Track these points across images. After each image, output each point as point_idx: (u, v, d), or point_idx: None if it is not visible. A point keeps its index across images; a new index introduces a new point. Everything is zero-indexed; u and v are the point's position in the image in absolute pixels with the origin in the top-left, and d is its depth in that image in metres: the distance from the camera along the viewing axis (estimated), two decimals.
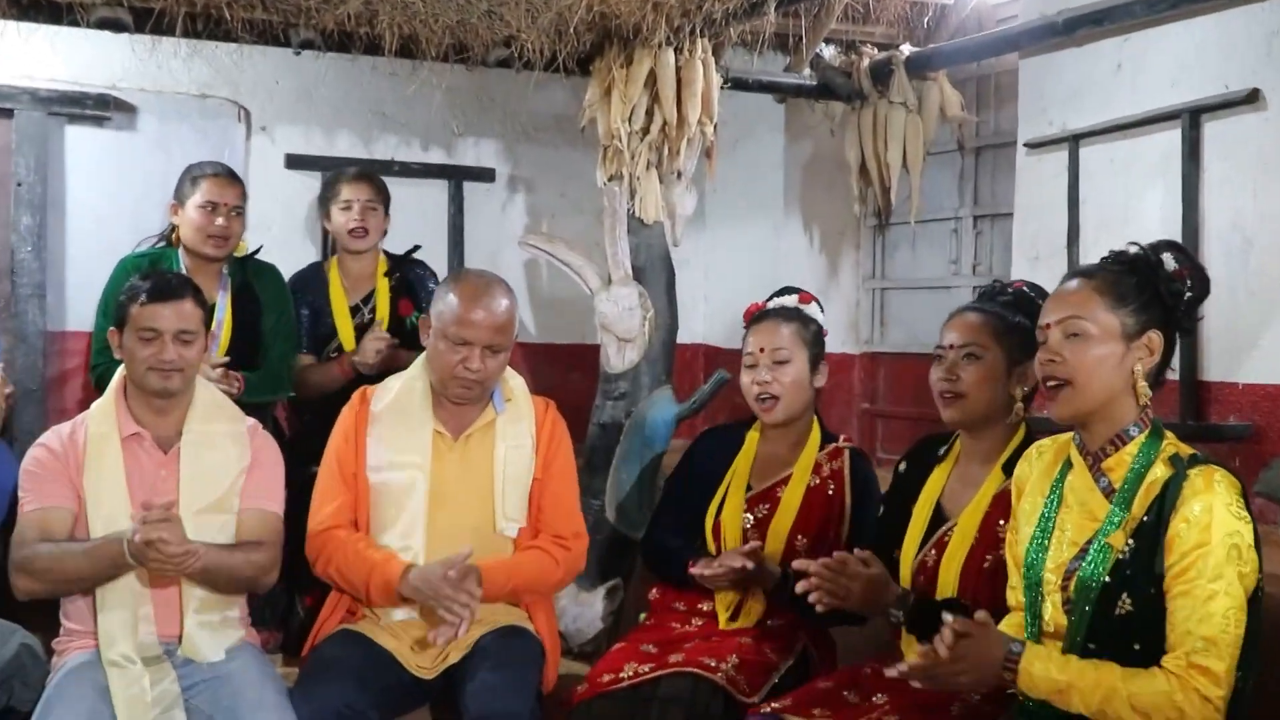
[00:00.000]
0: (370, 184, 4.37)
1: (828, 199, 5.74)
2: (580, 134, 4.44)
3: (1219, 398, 3.91)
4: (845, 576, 2.67)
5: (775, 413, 3.23)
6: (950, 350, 2.77)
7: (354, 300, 4.33)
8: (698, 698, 2.85)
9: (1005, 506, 2.64)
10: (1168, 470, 2.24)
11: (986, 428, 2.77)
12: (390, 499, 3.16)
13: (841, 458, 3.26)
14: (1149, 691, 2.12)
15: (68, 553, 2.91)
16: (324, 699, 2.89)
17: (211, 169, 4.02)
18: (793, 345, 3.23)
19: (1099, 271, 2.35)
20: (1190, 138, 3.94)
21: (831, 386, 5.78)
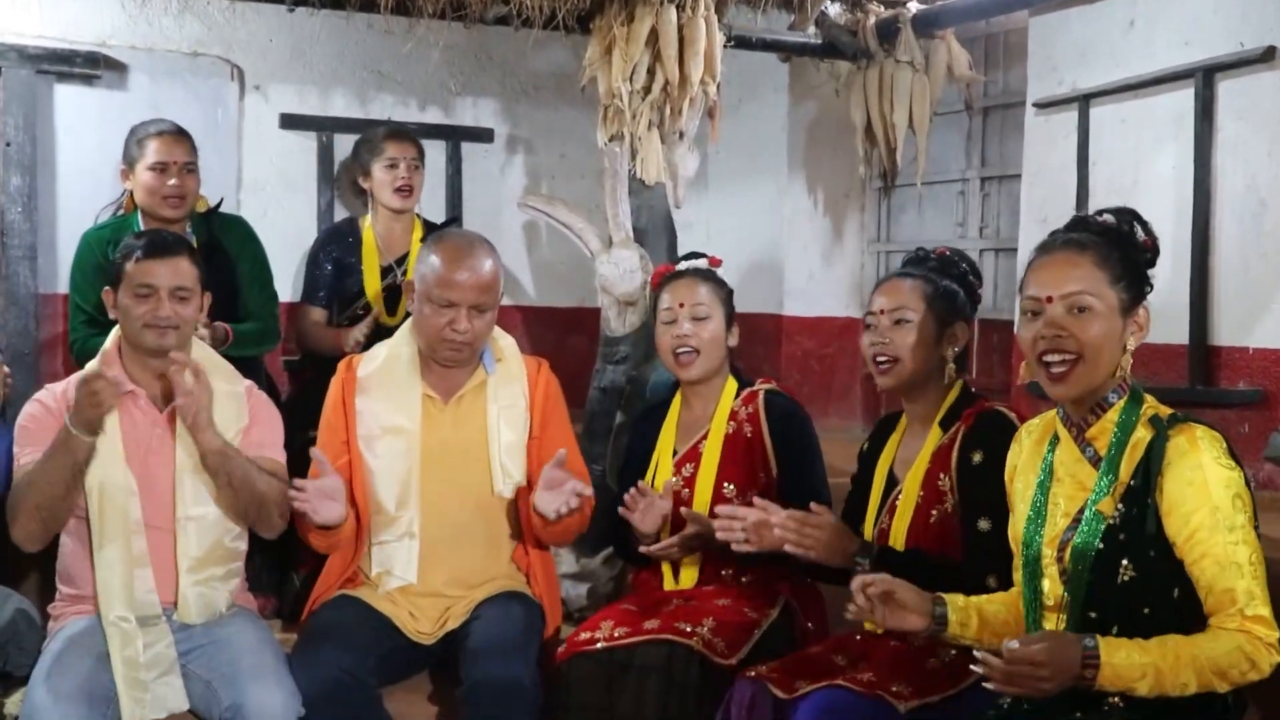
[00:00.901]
0: (414, 143, 4.41)
1: (832, 160, 5.70)
2: (580, 93, 4.39)
3: (1229, 363, 3.88)
4: (810, 525, 2.74)
5: (694, 368, 3.24)
6: (881, 315, 2.85)
7: (386, 261, 4.32)
8: (674, 664, 2.87)
9: (944, 461, 2.78)
10: (1149, 432, 2.25)
11: (923, 391, 2.87)
12: (383, 465, 3.14)
13: (756, 400, 3.27)
14: (1223, 651, 2.15)
15: (33, 469, 2.91)
16: (322, 664, 2.88)
17: (156, 128, 3.95)
18: (710, 302, 3.25)
19: (1089, 244, 2.31)
20: (1204, 97, 3.89)
21: (834, 351, 5.79)
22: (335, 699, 2.84)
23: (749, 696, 2.69)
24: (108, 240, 3.87)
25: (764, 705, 2.67)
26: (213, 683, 2.85)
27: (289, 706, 2.80)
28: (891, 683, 2.57)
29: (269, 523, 3.09)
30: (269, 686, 2.79)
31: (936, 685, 2.59)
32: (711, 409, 3.29)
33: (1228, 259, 3.90)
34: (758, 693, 2.68)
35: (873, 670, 2.63)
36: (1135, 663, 2.15)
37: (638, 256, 4.13)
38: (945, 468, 2.77)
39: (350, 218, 4.63)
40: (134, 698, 2.81)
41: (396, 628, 3.08)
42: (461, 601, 3.15)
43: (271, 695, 2.79)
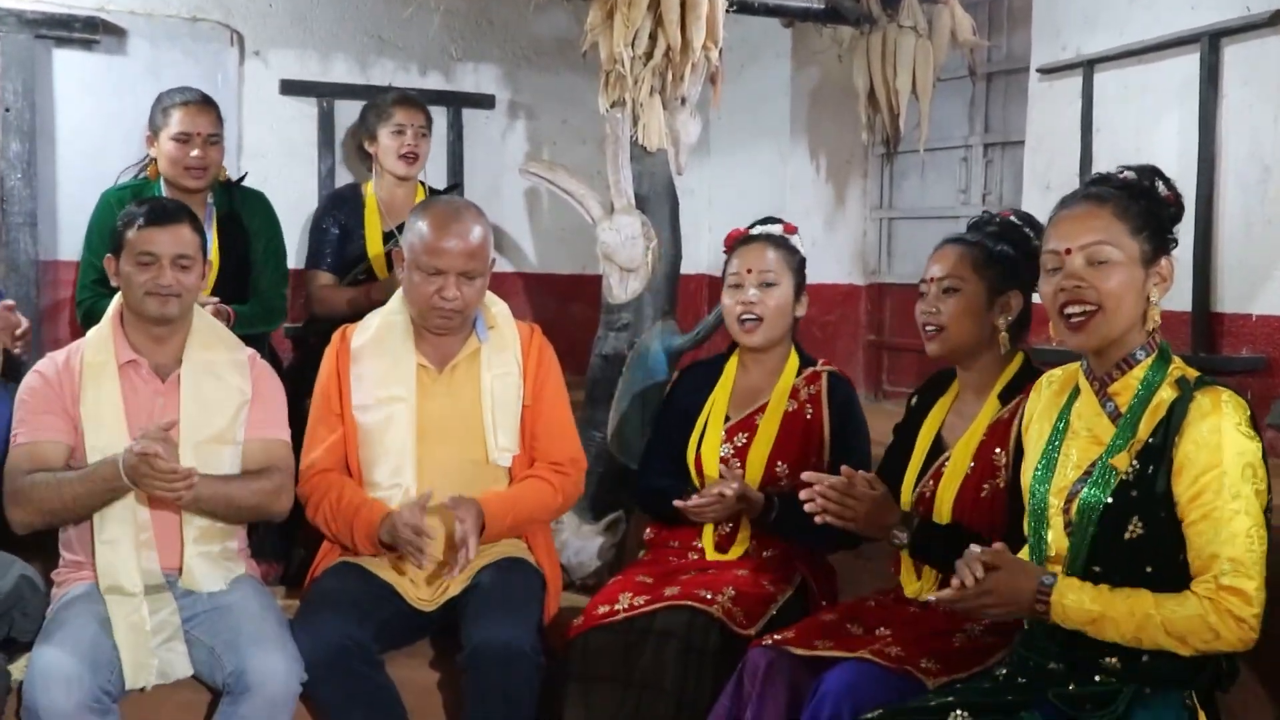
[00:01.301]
0: (422, 110, 4.44)
1: (835, 126, 5.66)
2: (582, 59, 4.35)
3: (1232, 329, 3.87)
4: (852, 496, 2.71)
5: (756, 335, 3.22)
6: (931, 284, 2.81)
7: (389, 227, 4.32)
8: (694, 630, 2.87)
9: (1001, 435, 2.72)
10: (1174, 392, 2.24)
11: (975, 359, 2.82)
12: (377, 435, 3.15)
13: (819, 382, 3.25)
14: (1183, 616, 2.14)
15: (64, 480, 2.90)
16: (324, 631, 2.90)
17: (182, 97, 3.93)
18: (779, 269, 3.24)
19: (1109, 196, 2.31)
20: (1209, 62, 3.87)
21: (837, 318, 5.78)
22: (337, 665, 2.86)
23: (764, 665, 2.68)
24: (127, 202, 3.85)
25: (781, 672, 2.65)
26: (216, 649, 2.87)
27: (291, 672, 2.81)
28: (920, 658, 2.56)
29: (267, 519, 3.15)
30: (272, 652, 2.81)
31: (964, 662, 2.57)
32: (770, 380, 3.26)
33: (1231, 226, 3.88)
34: (774, 661, 2.67)
35: (899, 643, 2.61)
36: (1084, 608, 2.18)
37: (639, 223, 4.11)
38: (1003, 442, 2.71)
39: (353, 183, 4.63)
40: (138, 664, 2.83)
41: (398, 594, 3.10)
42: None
43: (274, 661, 2.80)
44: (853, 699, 2.47)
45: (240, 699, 2.78)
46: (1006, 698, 2.31)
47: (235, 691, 2.79)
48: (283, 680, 2.80)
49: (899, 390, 5.45)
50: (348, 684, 2.87)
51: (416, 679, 3.09)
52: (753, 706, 2.65)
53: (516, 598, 3.03)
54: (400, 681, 2.98)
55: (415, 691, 3.04)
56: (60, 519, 2.96)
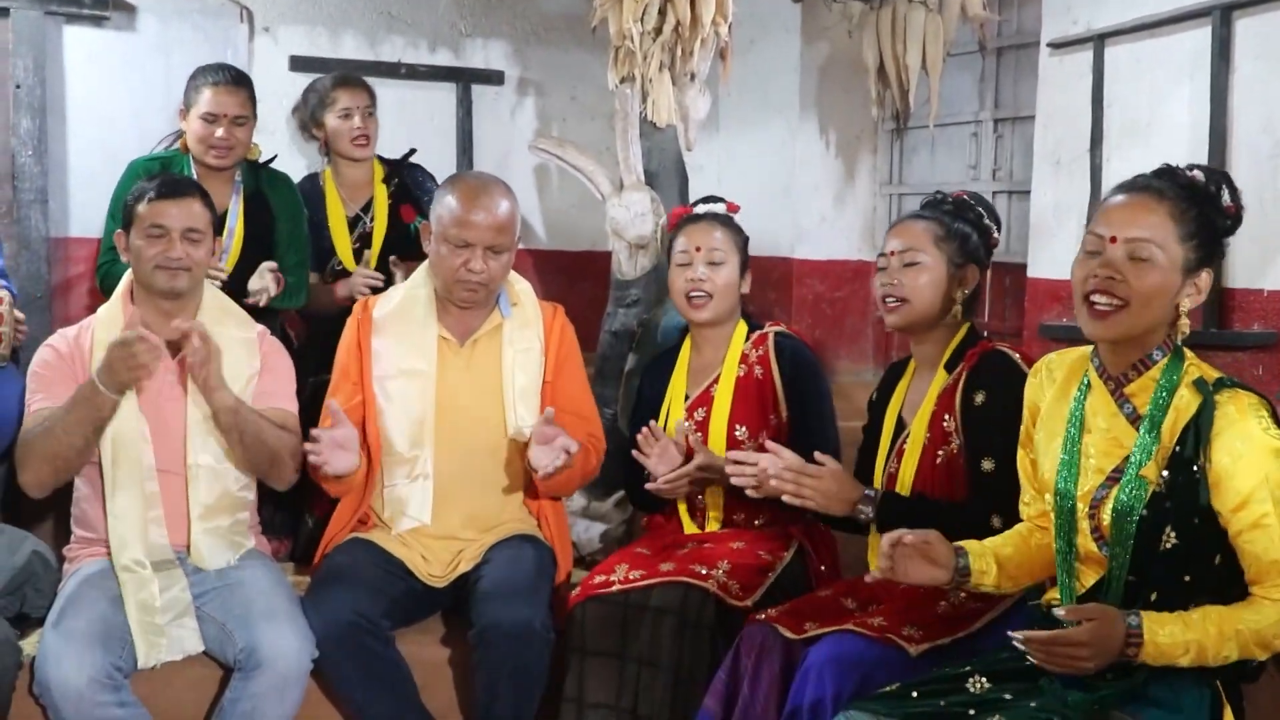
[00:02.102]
0: (367, 90, 4.31)
1: (844, 102, 5.64)
2: (591, 35, 4.34)
3: (1243, 305, 3.85)
4: (807, 475, 2.74)
5: (704, 310, 3.24)
6: (892, 256, 2.86)
7: (352, 211, 4.27)
8: (689, 606, 2.90)
9: (949, 402, 2.79)
10: (1194, 396, 2.19)
11: (931, 333, 2.88)
12: (398, 406, 3.15)
13: (766, 343, 3.28)
14: (1266, 624, 2.14)
15: (53, 418, 2.91)
16: (335, 607, 2.90)
17: (214, 76, 3.91)
18: (726, 248, 3.26)
19: (1170, 194, 2.23)
20: (1221, 35, 3.83)
21: (846, 294, 5.77)
22: (348, 641, 2.87)
23: (760, 639, 2.72)
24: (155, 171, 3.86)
25: (774, 648, 2.70)
26: (227, 625, 2.88)
27: (302, 649, 2.83)
28: (902, 626, 2.59)
29: (281, 475, 3.11)
30: (283, 629, 2.82)
31: (947, 628, 2.61)
32: (722, 353, 3.29)
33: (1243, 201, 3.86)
34: (767, 636, 2.71)
35: (883, 614, 2.65)
36: (1179, 640, 2.13)
37: (649, 199, 4.11)
38: (950, 409, 2.78)
39: (311, 174, 4.47)
40: (149, 641, 2.84)
41: (409, 570, 3.10)
42: (473, 545, 3.17)
43: (285, 637, 2.82)
44: (835, 672, 2.50)
45: (252, 675, 2.79)
46: (1026, 664, 2.30)
47: (247, 668, 2.81)
48: (294, 656, 2.81)
49: None
50: (359, 660, 2.89)
51: (427, 655, 3.10)
52: (748, 681, 2.69)
53: (527, 575, 3.04)
54: (411, 658, 3.00)
55: (426, 668, 3.06)
56: (62, 460, 2.93)
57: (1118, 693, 2.21)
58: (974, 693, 2.27)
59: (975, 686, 2.28)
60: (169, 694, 2.90)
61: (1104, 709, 2.21)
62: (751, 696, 2.68)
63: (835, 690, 2.48)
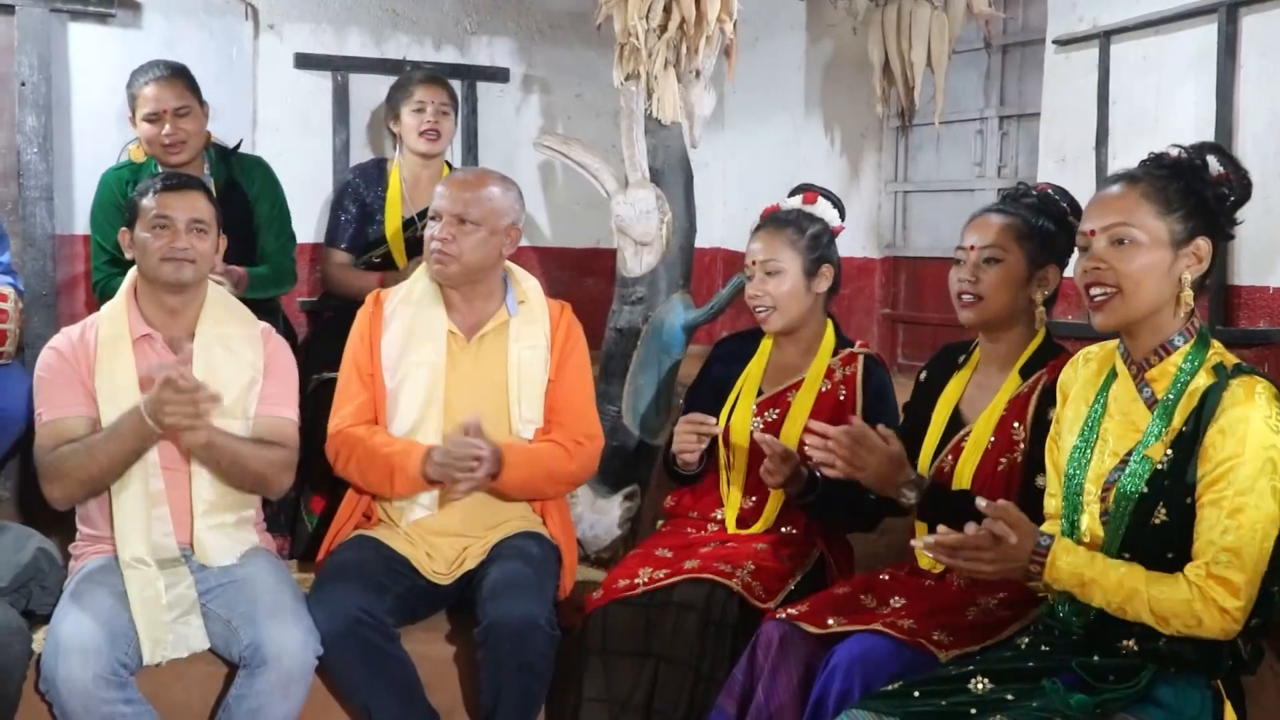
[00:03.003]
0: (445, 88, 4.39)
1: (849, 99, 5.62)
2: (596, 32, 4.33)
3: (1249, 302, 3.84)
4: (864, 448, 2.71)
5: (772, 322, 3.23)
6: (971, 251, 2.78)
7: (409, 212, 4.30)
8: (713, 603, 2.88)
9: (1021, 410, 2.72)
10: (1210, 379, 2.21)
11: (1004, 331, 2.80)
12: (406, 399, 3.16)
13: (855, 363, 3.25)
14: (1169, 597, 2.15)
15: (93, 444, 2.91)
16: (340, 604, 2.91)
17: (145, 76, 3.89)
18: (784, 255, 3.22)
19: (1143, 176, 2.29)
20: (1227, 32, 3.82)
21: (852, 292, 5.75)
22: (353, 638, 2.87)
23: (777, 637, 2.68)
24: (126, 180, 3.88)
25: (795, 647, 2.66)
26: (232, 622, 2.89)
27: (307, 645, 2.83)
28: (932, 630, 2.56)
29: (269, 490, 3.13)
30: (288, 625, 2.83)
31: (976, 636, 2.57)
32: (805, 359, 3.27)
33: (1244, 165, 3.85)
34: (787, 634, 2.68)
35: (912, 616, 2.61)
36: (1076, 571, 2.21)
37: (654, 196, 4.10)
38: (1021, 417, 2.72)
39: (379, 159, 4.59)
40: (155, 638, 2.84)
41: (414, 568, 3.11)
42: (478, 542, 3.17)
43: (290, 634, 2.82)
44: (863, 671, 2.48)
45: (257, 672, 2.80)
46: (1029, 665, 2.32)
47: (252, 665, 2.81)
48: (299, 653, 2.82)
49: (914, 364, 5.43)
50: (364, 657, 2.89)
51: (432, 653, 3.10)
52: (765, 679, 2.66)
53: (532, 572, 3.04)
54: (416, 655, 3.00)
55: (431, 665, 3.06)
56: (99, 483, 2.95)
57: (1120, 695, 2.22)
58: (976, 693, 2.27)
59: (977, 687, 2.28)
60: (174, 691, 2.91)
61: (1106, 710, 2.22)
62: (767, 696, 2.65)
63: (862, 690, 2.45)
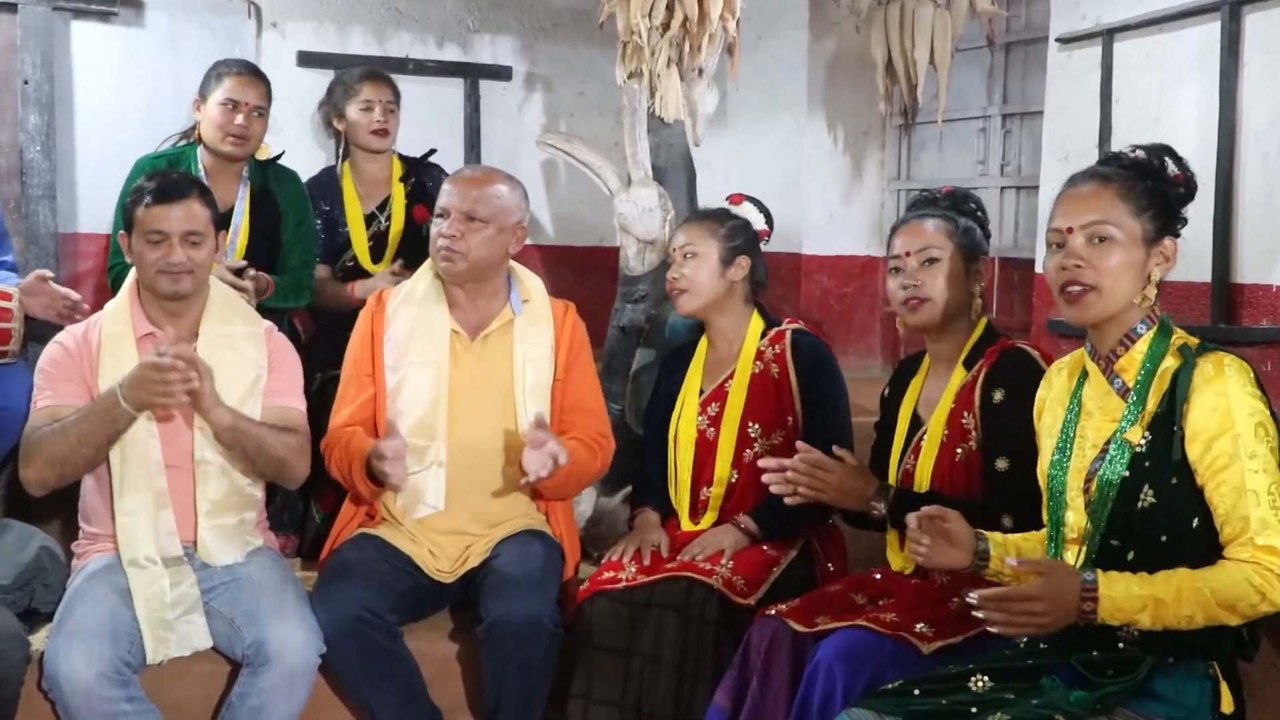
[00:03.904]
0: (390, 85, 4.33)
1: (852, 98, 5.64)
2: (599, 30, 4.34)
3: (1251, 300, 3.84)
4: (822, 469, 2.77)
5: (683, 303, 3.31)
6: (907, 257, 2.85)
7: (369, 208, 4.27)
8: (692, 602, 2.90)
9: (967, 399, 2.79)
10: (1177, 360, 2.26)
11: (950, 330, 2.87)
12: (410, 398, 3.15)
13: (783, 340, 3.28)
14: (1228, 584, 2.14)
15: (66, 424, 2.89)
16: (343, 603, 2.90)
17: (237, 67, 3.94)
18: (701, 242, 3.30)
19: (1115, 175, 2.33)
20: (1230, 30, 3.82)
21: (854, 290, 5.77)
22: (356, 636, 2.87)
23: (769, 635, 2.70)
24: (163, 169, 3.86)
25: (783, 643, 2.68)
26: (235, 620, 2.88)
27: (310, 644, 2.83)
28: (914, 623, 2.58)
29: (290, 477, 3.12)
30: (291, 624, 2.82)
31: (959, 626, 2.58)
32: (737, 349, 3.30)
33: (1251, 196, 3.85)
34: (777, 630, 2.70)
35: (895, 610, 2.64)
36: (1134, 594, 2.16)
37: (656, 195, 4.10)
38: (969, 406, 2.78)
39: (328, 167, 4.47)
40: (158, 636, 2.84)
41: (417, 566, 3.10)
42: (482, 540, 3.17)
43: (293, 633, 2.82)
44: (847, 665, 2.49)
45: (260, 671, 2.80)
46: (1028, 663, 2.32)
47: (255, 663, 2.81)
48: (302, 652, 2.81)
49: None
50: (367, 655, 2.89)
51: (435, 651, 3.10)
52: (757, 677, 2.68)
53: (535, 570, 3.03)
54: (419, 653, 3.00)
55: (434, 663, 3.06)
56: (70, 465, 2.92)
57: (1120, 689, 2.22)
58: (976, 691, 2.27)
59: (977, 684, 2.28)
60: (177, 689, 2.91)
61: (1106, 706, 2.22)
62: (761, 692, 2.67)
63: (846, 685, 2.47)
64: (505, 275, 3.27)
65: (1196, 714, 2.22)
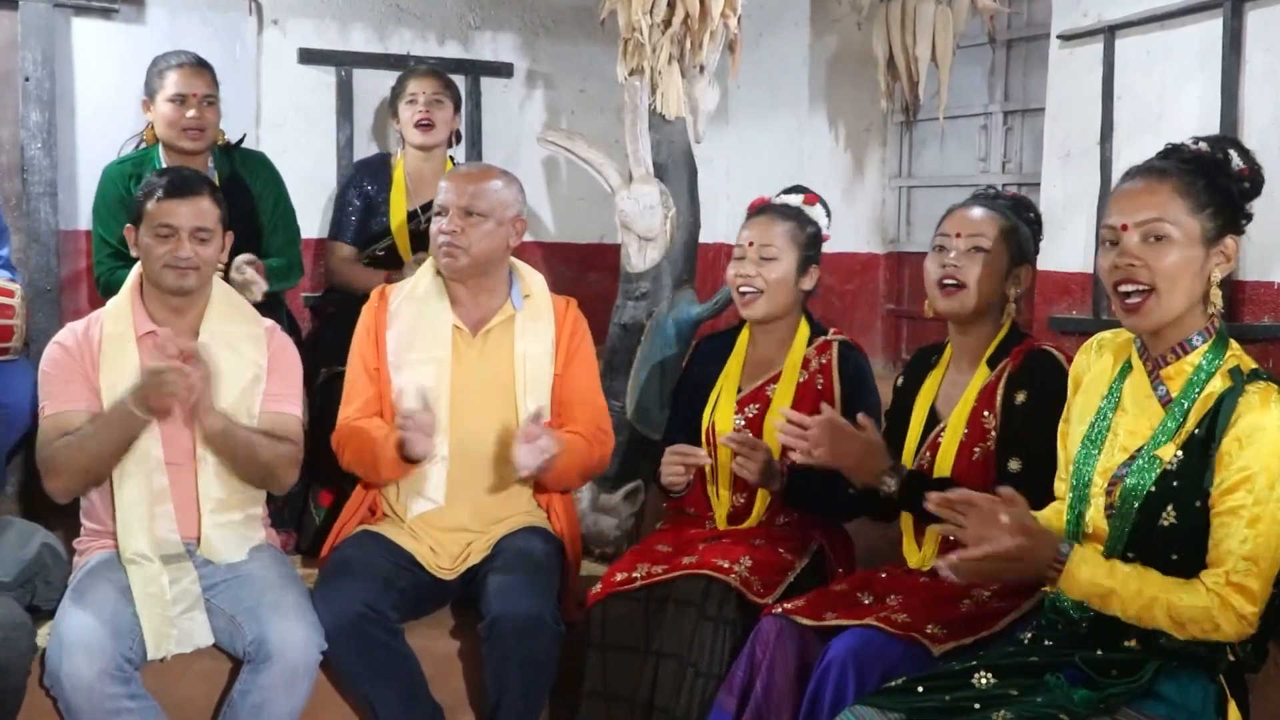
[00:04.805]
0: (437, 79, 4.40)
1: (854, 95, 5.62)
2: (600, 27, 4.33)
3: (1254, 298, 3.83)
4: (842, 436, 2.76)
5: (754, 307, 3.22)
6: (957, 239, 2.80)
7: (414, 205, 4.30)
8: (711, 599, 2.88)
9: (989, 399, 2.78)
10: (1226, 383, 2.19)
11: (976, 324, 2.85)
12: (414, 391, 3.15)
13: (830, 351, 3.25)
14: (1188, 605, 2.14)
15: (83, 435, 2.92)
16: (345, 600, 2.91)
17: (176, 59, 3.94)
18: (782, 244, 3.23)
19: (1172, 170, 2.25)
20: (1232, 27, 3.81)
21: (856, 287, 5.76)
22: (357, 633, 2.88)
23: (774, 632, 2.70)
24: (129, 174, 3.88)
25: (791, 641, 2.67)
26: (236, 617, 2.89)
27: (311, 641, 2.84)
28: (925, 624, 2.57)
29: (276, 485, 3.13)
30: (292, 621, 2.83)
31: (970, 628, 2.58)
32: (781, 351, 3.26)
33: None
34: (784, 629, 2.69)
35: (906, 611, 2.62)
36: (1096, 581, 2.18)
37: (658, 192, 4.10)
38: (990, 405, 2.76)
39: (383, 154, 4.61)
40: (159, 633, 2.85)
41: (418, 563, 3.11)
42: (483, 537, 3.17)
43: (294, 630, 2.82)
44: (857, 665, 2.49)
45: (261, 667, 2.80)
46: (1032, 660, 2.32)
47: (256, 660, 2.82)
48: (303, 649, 2.82)
49: None
50: (368, 653, 2.89)
51: (436, 648, 3.11)
52: (763, 674, 2.67)
53: (537, 567, 3.04)
54: (420, 650, 3.01)
55: (435, 660, 3.07)
56: (94, 474, 2.96)
57: (1124, 690, 2.22)
58: (980, 688, 2.27)
59: (981, 682, 2.28)
60: (179, 686, 2.91)
61: (1110, 706, 2.22)
62: (766, 691, 2.66)
63: (857, 685, 2.47)
64: (506, 271, 3.27)
65: (1200, 717, 2.22)
